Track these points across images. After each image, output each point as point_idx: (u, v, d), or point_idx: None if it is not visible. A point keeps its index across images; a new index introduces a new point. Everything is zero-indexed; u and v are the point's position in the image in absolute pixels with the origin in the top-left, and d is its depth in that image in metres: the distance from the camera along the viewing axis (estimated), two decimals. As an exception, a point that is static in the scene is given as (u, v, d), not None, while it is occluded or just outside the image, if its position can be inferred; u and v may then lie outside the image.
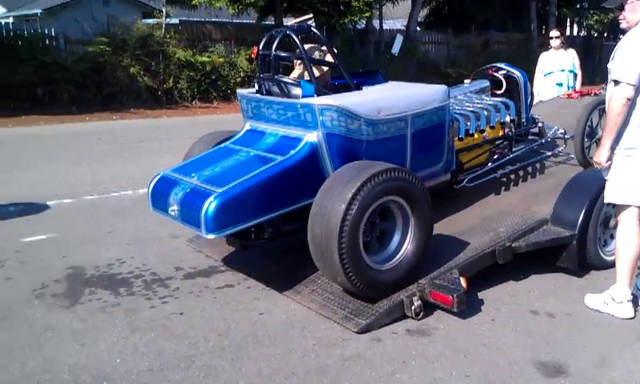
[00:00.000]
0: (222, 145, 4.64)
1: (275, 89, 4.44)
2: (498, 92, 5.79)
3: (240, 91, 4.77)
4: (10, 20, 22.91)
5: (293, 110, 4.18)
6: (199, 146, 4.90)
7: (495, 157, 5.61)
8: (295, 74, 4.55)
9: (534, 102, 8.41)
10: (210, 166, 4.27)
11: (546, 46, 8.88)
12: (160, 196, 4.16)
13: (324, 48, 4.51)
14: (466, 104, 5.45)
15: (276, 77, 4.40)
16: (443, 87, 4.71)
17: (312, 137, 4.07)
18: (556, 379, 3.22)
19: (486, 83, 5.86)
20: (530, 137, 6.10)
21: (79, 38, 16.22)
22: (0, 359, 3.42)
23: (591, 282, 4.47)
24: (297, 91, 4.22)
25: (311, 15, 5.68)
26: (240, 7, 18.17)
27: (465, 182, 5.13)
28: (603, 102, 5.31)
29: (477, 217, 4.91)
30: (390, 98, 4.39)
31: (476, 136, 5.29)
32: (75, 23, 16.25)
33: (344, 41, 21.09)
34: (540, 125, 6.00)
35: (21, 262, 4.92)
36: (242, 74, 18.24)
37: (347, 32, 21.14)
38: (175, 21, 19.49)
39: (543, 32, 26.61)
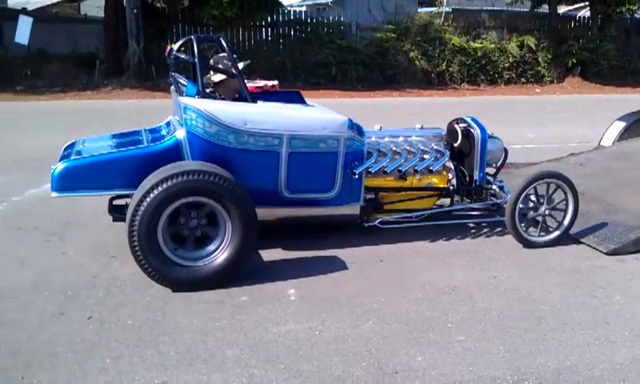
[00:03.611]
0: (140, 128, 5.19)
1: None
2: (455, 144, 5.40)
3: (172, 88, 5.07)
4: (304, 8, 26.33)
5: (177, 106, 4.54)
6: None
7: (429, 206, 5.29)
8: (215, 78, 4.86)
9: None
10: (107, 141, 4.82)
11: None
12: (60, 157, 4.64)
13: (224, 55, 4.74)
14: (406, 146, 5.17)
15: (172, 74, 4.89)
16: (342, 119, 4.62)
17: (180, 133, 4.34)
18: None
19: (438, 131, 5.49)
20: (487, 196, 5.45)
21: (368, 25, 18.64)
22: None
23: None
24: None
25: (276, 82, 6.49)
26: (517, -4, 19.19)
27: (376, 222, 4.98)
28: (554, 175, 4.98)
29: None
30: (265, 114, 4.44)
31: (414, 180, 5.14)
32: (366, 12, 18.71)
33: (619, 29, 20.73)
34: (495, 187, 5.37)
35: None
36: (510, 60, 19.17)
37: (624, 21, 20.73)
38: (448, 9, 21.01)
39: None
